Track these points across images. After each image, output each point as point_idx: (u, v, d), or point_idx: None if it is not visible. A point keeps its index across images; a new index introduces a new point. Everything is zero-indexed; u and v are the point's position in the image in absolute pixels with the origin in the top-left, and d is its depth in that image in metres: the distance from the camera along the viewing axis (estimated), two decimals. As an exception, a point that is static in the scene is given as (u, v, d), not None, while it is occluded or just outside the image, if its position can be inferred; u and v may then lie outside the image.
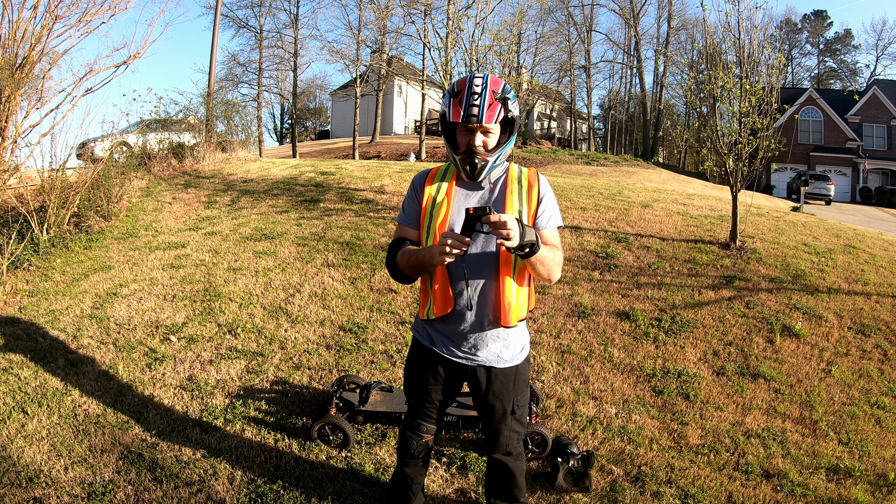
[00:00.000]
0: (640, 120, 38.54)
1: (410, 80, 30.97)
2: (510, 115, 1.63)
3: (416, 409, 1.89)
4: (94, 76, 5.77)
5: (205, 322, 3.74)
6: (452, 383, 1.83)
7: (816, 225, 6.89)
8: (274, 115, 46.21)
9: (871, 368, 3.57)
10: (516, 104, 1.66)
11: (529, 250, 1.52)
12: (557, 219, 1.74)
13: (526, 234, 1.48)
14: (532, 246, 1.51)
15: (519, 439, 1.87)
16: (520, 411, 1.83)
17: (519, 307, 1.69)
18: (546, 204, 1.72)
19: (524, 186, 1.72)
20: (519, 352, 1.79)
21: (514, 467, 1.89)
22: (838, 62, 40.15)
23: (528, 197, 1.71)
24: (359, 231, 5.51)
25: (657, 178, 22.15)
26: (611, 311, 4.10)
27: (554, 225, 1.73)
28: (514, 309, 1.67)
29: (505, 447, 1.86)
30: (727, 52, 5.55)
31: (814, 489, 2.44)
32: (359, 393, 2.73)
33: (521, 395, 1.82)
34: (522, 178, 1.73)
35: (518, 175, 1.74)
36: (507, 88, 1.63)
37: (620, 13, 34.55)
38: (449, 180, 1.75)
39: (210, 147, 9.44)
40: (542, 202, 1.72)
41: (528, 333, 1.87)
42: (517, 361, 1.78)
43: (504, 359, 1.74)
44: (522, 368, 1.81)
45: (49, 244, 5.09)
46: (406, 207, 1.78)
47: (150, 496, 2.21)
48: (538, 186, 1.72)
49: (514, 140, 1.70)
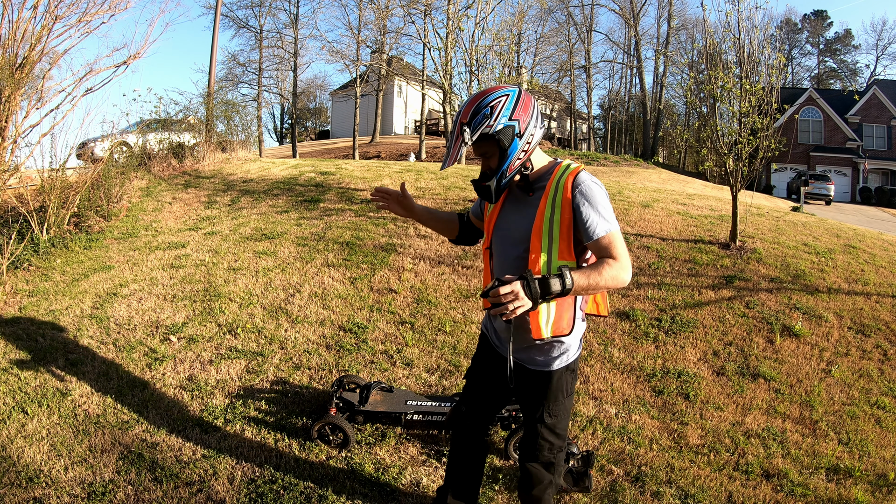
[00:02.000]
0: (640, 120, 38.54)
1: (410, 80, 30.97)
2: (480, 134, 1.54)
3: (464, 390, 1.99)
4: (94, 76, 5.77)
5: (205, 322, 3.74)
6: (497, 373, 1.82)
7: (816, 225, 6.89)
8: (274, 115, 46.24)
9: (871, 368, 3.57)
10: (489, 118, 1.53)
11: (560, 295, 1.44)
12: (601, 228, 1.53)
13: (542, 288, 1.40)
14: (560, 293, 1.42)
15: (551, 450, 1.78)
16: (552, 420, 1.75)
17: (552, 324, 1.62)
18: (584, 214, 1.54)
19: (560, 191, 1.58)
20: (554, 357, 1.70)
21: (535, 476, 1.81)
22: (838, 62, 40.16)
23: (563, 204, 1.57)
24: (359, 231, 5.51)
25: (657, 178, 22.16)
26: (611, 311, 4.10)
27: (598, 236, 1.53)
28: (548, 323, 1.62)
29: (531, 453, 1.81)
30: (727, 52, 5.55)
31: (814, 489, 2.44)
32: (359, 393, 2.73)
33: (554, 403, 1.73)
34: (560, 182, 1.60)
35: (559, 178, 1.61)
36: (482, 104, 1.54)
37: (620, 13, 34.55)
38: None
39: (210, 147, 9.44)
40: (578, 210, 1.55)
41: (576, 343, 1.73)
42: (551, 367, 1.70)
43: (537, 360, 1.71)
44: (559, 377, 1.71)
45: (49, 244, 5.09)
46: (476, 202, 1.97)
47: (150, 496, 2.21)
48: (573, 192, 1.56)
49: (515, 148, 1.57)
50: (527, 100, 1.59)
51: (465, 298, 4.21)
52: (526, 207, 1.65)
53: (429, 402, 2.67)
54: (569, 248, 1.58)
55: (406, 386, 3.12)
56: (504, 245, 1.70)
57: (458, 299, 4.20)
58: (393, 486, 2.31)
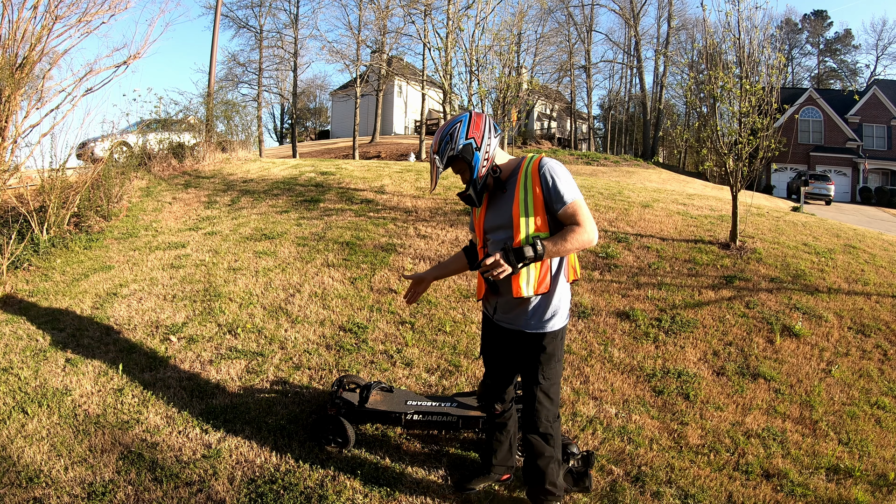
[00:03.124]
0: (640, 120, 38.54)
1: (410, 80, 30.97)
2: (446, 158, 1.94)
3: (485, 368, 2.27)
4: (94, 76, 5.78)
5: (205, 322, 3.74)
6: (506, 345, 2.10)
7: (816, 225, 6.89)
8: (274, 115, 46.24)
9: (871, 368, 3.57)
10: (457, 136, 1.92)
11: (535, 260, 1.84)
12: (568, 196, 1.87)
13: (517, 256, 1.82)
14: (534, 257, 1.83)
15: (547, 417, 2.03)
16: (546, 382, 2.01)
17: (533, 283, 1.93)
18: (552, 188, 1.88)
19: (529, 176, 1.92)
20: (546, 320, 1.97)
21: (536, 447, 2.05)
22: (838, 62, 40.16)
23: (533, 185, 1.90)
24: (359, 231, 5.51)
25: (657, 178, 22.16)
26: (611, 311, 4.10)
27: (563, 204, 1.87)
28: (528, 284, 1.92)
29: (531, 423, 2.04)
30: (727, 52, 5.55)
31: (814, 489, 2.44)
32: (359, 393, 2.73)
33: (548, 366, 2.00)
34: (528, 169, 1.94)
35: (527, 166, 1.95)
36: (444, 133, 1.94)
37: (620, 13, 34.54)
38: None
39: (210, 147, 9.44)
40: (545, 186, 1.89)
41: (561, 306, 2.00)
42: (543, 329, 1.98)
43: (531, 324, 1.98)
44: (550, 340, 1.99)
45: (49, 244, 5.09)
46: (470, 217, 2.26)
47: (150, 496, 2.21)
48: (540, 173, 1.90)
49: (478, 158, 1.93)
50: (477, 120, 1.95)
51: (465, 298, 4.21)
52: (505, 201, 1.98)
53: (429, 402, 2.67)
54: (544, 222, 1.91)
55: (406, 386, 3.12)
56: (495, 234, 2.01)
57: (458, 299, 4.20)
58: (393, 485, 2.31)
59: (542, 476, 2.08)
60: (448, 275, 2.45)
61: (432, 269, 2.39)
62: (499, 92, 6.49)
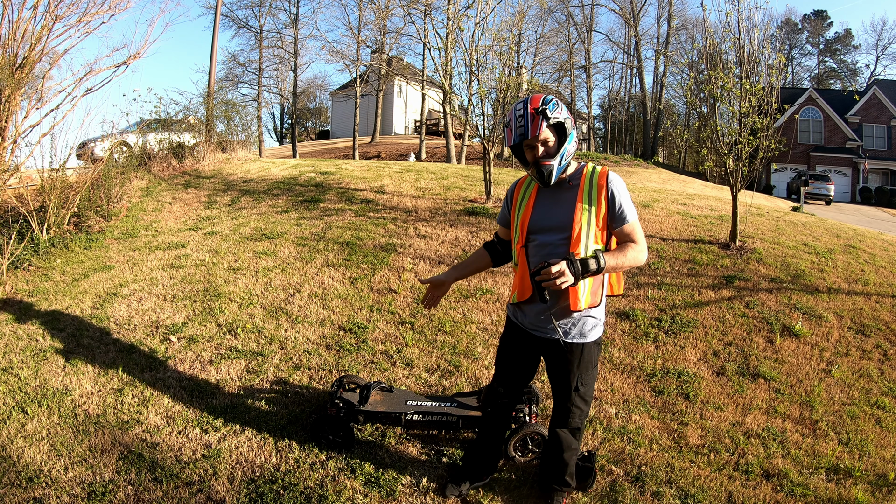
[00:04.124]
0: (640, 120, 38.53)
1: (410, 80, 30.95)
2: (554, 121, 1.84)
3: (496, 373, 2.21)
4: (94, 76, 5.78)
5: (205, 322, 3.74)
6: (530, 353, 2.09)
7: (816, 225, 6.89)
8: (274, 115, 46.25)
9: (871, 368, 3.57)
10: (560, 109, 1.86)
11: (595, 273, 1.78)
12: (630, 216, 1.90)
13: (582, 267, 1.74)
14: (596, 271, 1.78)
15: (581, 417, 2.07)
16: (584, 389, 2.02)
17: (588, 296, 1.91)
18: (617, 204, 1.88)
19: (594, 187, 1.90)
20: (588, 331, 1.97)
21: (564, 441, 2.10)
22: (838, 62, 40.15)
23: (598, 198, 1.89)
24: (359, 231, 5.51)
25: (657, 178, 22.17)
26: (611, 311, 4.10)
27: (625, 223, 1.89)
28: (585, 296, 1.90)
29: (564, 420, 2.07)
30: (727, 52, 5.55)
31: (814, 489, 2.44)
32: (359, 393, 2.73)
33: (586, 373, 2.01)
34: (594, 179, 1.92)
35: (590, 176, 1.93)
36: (546, 99, 1.85)
37: (620, 13, 34.54)
38: (535, 185, 2.02)
39: (210, 147, 9.44)
40: (612, 203, 1.89)
41: (601, 317, 2.01)
42: (585, 339, 1.97)
43: (572, 334, 1.96)
44: (589, 349, 1.99)
45: (49, 244, 5.09)
46: (501, 211, 2.20)
47: (150, 496, 2.21)
48: (607, 188, 1.89)
49: (572, 139, 1.89)
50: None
51: (465, 298, 4.21)
52: (563, 201, 1.92)
53: (429, 402, 2.67)
54: (602, 234, 1.90)
55: (406, 386, 3.12)
56: (544, 236, 1.94)
57: (458, 299, 4.20)
58: (393, 486, 2.31)
59: (564, 468, 2.14)
60: (469, 275, 2.37)
61: (452, 271, 2.31)
62: (499, 92, 6.49)
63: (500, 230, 2.25)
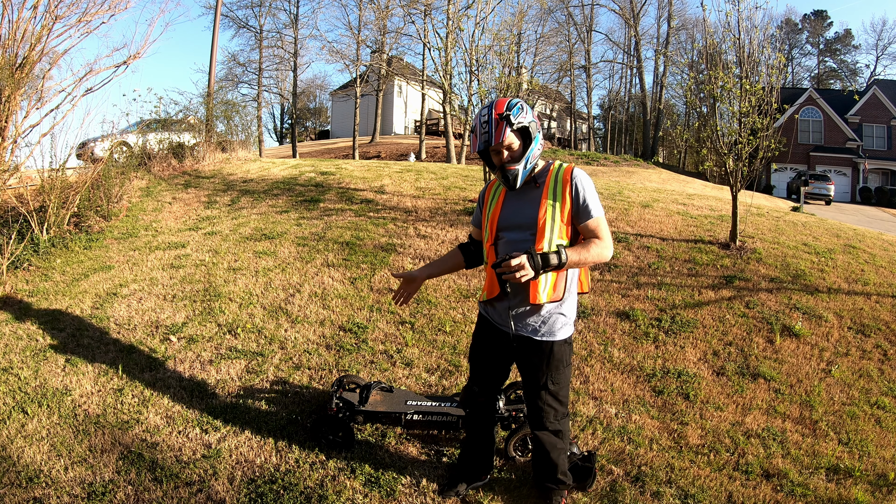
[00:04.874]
0: (640, 120, 38.54)
1: (410, 80, 30.96)
2: (518, 126, 1.87)
3: (470, 373, 2.24)
4: (94, 76, 5.78)
5: (205, 322, 3.74)
6: (502, 350, 2.07)
7: (816, 225, 6.89)
8: (274, 115, 46.25)
9: (871, 368, 3.57)
10: (524, 113, 1.88)
11: (556, 268, 1.80)
12: (595, 211, 1.91)
13: (543, 261, 1.77)
14: (557, 265, 1.80)
15: (556, 417, 2.05)
16: (555, 387, 2.01)
17: (550, 290, 1.92)
18: (582, 200, 1.91)
19: (559, 183, 1.93)
20: (558, 329, 1.98)
21: (547, 443, 2.07)
22: (838, 62, 40.15)
23: (563, 193, 1.92)
24: (359, 231, 5.51)
25: (657, 178, 22.17)
26: (611, 311, 4.10)
27: (589, 218, 1.91)
28: (545, 290, 1.91)
29: (538, 421, 2.05)
30: (727, 52, 5.55)
31: (814, 489, 2.44)
32: (359, 393, 2.73)
33: (556, 372, 2.00)
34: (559, 176, 1.95)
35: (556, 172, 1.96)
36: (511, 104, 1.88)
37: (620, 13, 34.55)
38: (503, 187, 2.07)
39: (210, 147, 9.44)
40: (576, 198, 1.91)
41: (571, 315, 2.03)
42: (555, 338, 1.98)
43: (541, 332, 1.97)
44: (560, 347, 1.99)
45: (49, 244, 5.09)
46: (475, 212, 2.24)
47: (150, 496, 2.21)
48: (572, 184, 1.92)
49: (537, 142, 1.91)
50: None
51: (465, 298, 4.21)
52: (531, 199, 1.95)
53: (429, 402, 2.67)
54: (566, 230, 1.92)
55: (406, 386, 3.12)
56: (511, 233, 1.97)
57: (458, 299, 4.20)
58: (393, 486, 2.31)
59: (554, 468, 2.12)
60: (441, 273, 2.38)
61: (424, 268, 2.32)
62: (499, 92, 6.49)
63: (473, 231, 2.27)
